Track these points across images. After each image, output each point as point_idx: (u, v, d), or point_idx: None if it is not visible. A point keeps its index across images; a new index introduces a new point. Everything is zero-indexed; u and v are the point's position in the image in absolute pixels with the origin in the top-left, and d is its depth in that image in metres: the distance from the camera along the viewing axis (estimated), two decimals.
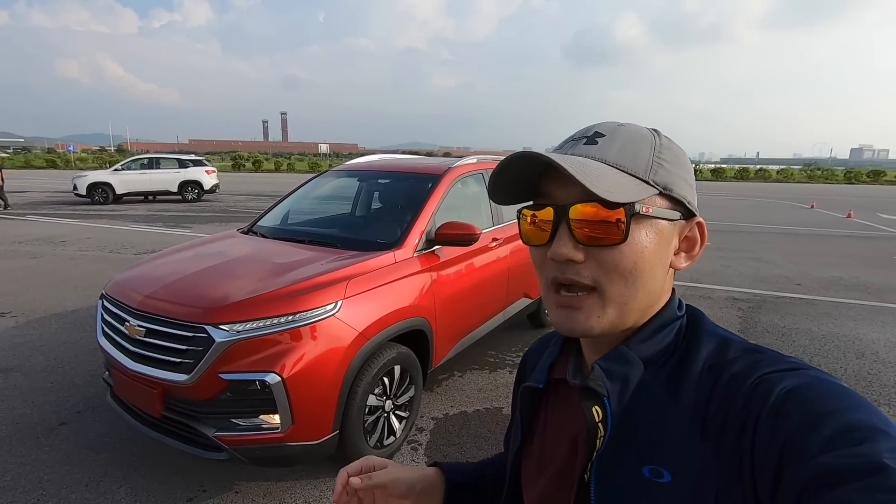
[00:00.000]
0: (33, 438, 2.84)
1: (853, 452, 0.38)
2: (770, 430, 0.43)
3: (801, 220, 14.62)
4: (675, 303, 0.58)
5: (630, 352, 0.54)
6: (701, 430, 0.48)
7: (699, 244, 0.58)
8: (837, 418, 0.41)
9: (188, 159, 17.14)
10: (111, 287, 2.60)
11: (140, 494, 2.40)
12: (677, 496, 0.48)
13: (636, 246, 0.51)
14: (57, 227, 10.62)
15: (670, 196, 0.53)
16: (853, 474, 0.37)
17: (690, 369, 0.52)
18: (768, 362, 0.49)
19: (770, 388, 0.46)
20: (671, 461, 0.49)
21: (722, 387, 0.49)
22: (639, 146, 0.53)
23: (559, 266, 0.53)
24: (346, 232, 3.52)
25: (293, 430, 2.15)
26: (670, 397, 0.51)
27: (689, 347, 0.54)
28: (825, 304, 5.79)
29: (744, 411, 0.46)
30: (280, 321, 2.17)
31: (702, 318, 0.58)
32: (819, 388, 0.44)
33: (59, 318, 4.80)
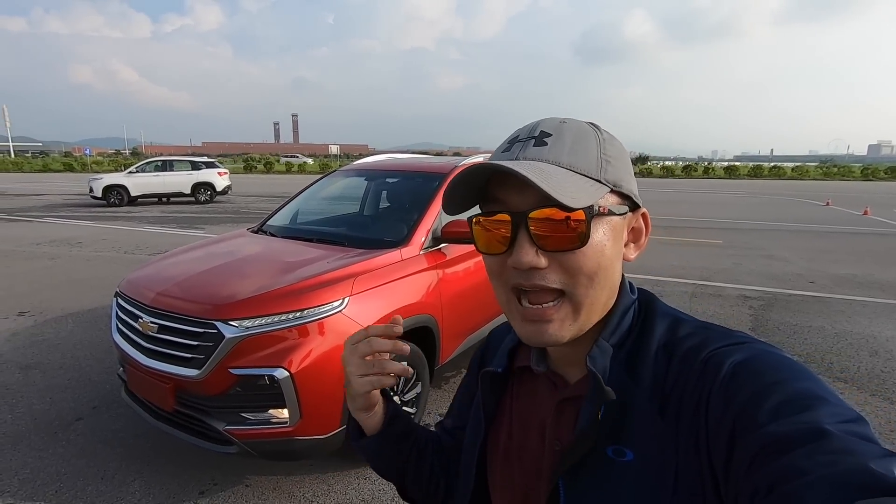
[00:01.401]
0: (51, 433, 2.92)
1: (798, 420, 0.40)
2: (722, 403, 0.45)
3: (816, 218, 14.40)
4: (626, 287, 0.59)
5: (605, 343, 0.56)
6: (660, 409, 0.50)
7: (644, 234, 0.59)
8: (783, 388, 0.43)
9: (201, 161, 17.38)
10: (125, 285, 2.66)
11: (154, 487, 2.46)
12: (640, 473, 0.50)
13: (597, 246, 0.51)
14: (73, 228, 10.84)
15: (619, 192, 0.54)
16: (798, 441, 0.38)
17: (647, 349, 0.54)
18: (717, 337, 0.51)
19: (720, 362, 0.47)
20: (633, 440, 0.51)
21: (676, 364, 0.51)
22: (586, 144, 0.53)
23: (522, 273, 0.52)
24: (353, 230, 3.56)
25: (301, 425, 2.19)
26: (630, 378, 0.53)
27: (643, 328, 0.56)
28: (838, 302, 5.71)
29: (697, 387, 0.48)
30: (288, 317, 2.21)
31: (654, 300, 0.60)
32: (765, 360, 0.46)
33: (76, 318, 4.91)
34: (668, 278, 6.67)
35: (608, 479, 0.51)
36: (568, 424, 0.57)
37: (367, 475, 2.56)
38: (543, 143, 0.53)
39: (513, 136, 0.56)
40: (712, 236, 10.43)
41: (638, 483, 0.50)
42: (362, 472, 2.58)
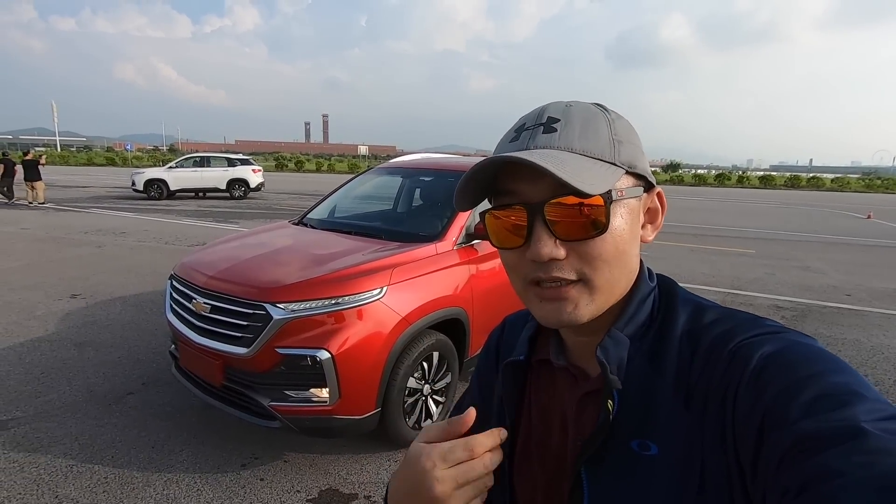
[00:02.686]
0: (105, 405, 3.14)
1: (832, 417, 0.38)
2: (751, 397, 0.43)
3: (855, 231, 13.92)
4: (645, 274, 0.57)
5: (620, 333, 0.54)
6: (685, 401, 0.48)
7: (661, 213, 0.58)
8: (817, 382, 0.40)
9: (237, 158, 17.95)
10: (179, 268, 2.86)
11: (199, 458, 2.63)
12: (664, 467, 0.48)
13: (616, 231, 0.50)
14: (117, 219, 11.38)
15: (635, 172, 0.53)
16: (832, 439, 0.36)
17: (670, 338, 0.52)
18: (746, 326, 0.49)
19: (749, 354, 0.45)
20: (657, 433, 0.49)
21: (702, 354, 0.49)
22: (596, 127, 0.51)
23: (540, 266, 0.50)
24: (390, 224, 3.71)
25: (340, 404, 2.32)
26: (653, 369, 0.51)
27: (665, 317, 0.54)
28: (876, 316, 5.57)
29: (724, 379, 0.46)
30: (330, 303, 2.35)
31: (674, 286, 0.57)
32: (798, 351, 0.44)
33: (123, 301, 5.20)
34: (698, 286, 6.60)
35: (633, 473, 0.50)
36: (590, 419, 0.56)
37: (397, 458, 2.68)
38: (553, 130, 0.51)
39: (519, 124, 0.54)
40: (744, 245, 10.22)
41: (663, 477, 0.48)
42: (393, 454, 2.70)
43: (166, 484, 2.42)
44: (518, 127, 0.54)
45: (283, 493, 2.39)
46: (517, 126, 0.54)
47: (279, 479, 2.49)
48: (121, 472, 2.49)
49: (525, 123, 0.53)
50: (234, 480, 2.47)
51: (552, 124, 0.51)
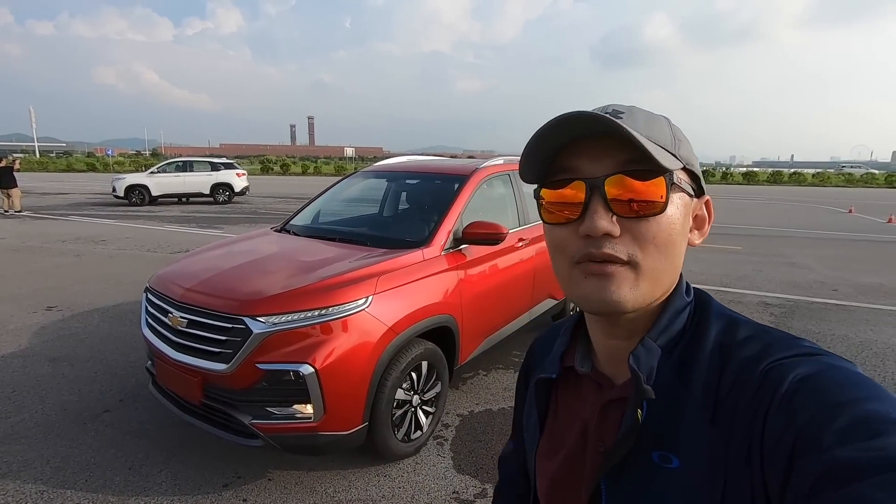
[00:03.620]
0: (80, 424, 3.00)
1: (869, 446, 0.36)
2: (782, 420, 0.42)
3: (839, 225, 14.12)
4: (682, 287, 0.57)
5: (653, 343, 0.53)
6: (712, 417, 0.48)
7: (708, 222, 0.58)
8: (853, 408, 0.39)
9: (220, 162, 17.67)
10: (155, 280, 2.74)
11: (179, 479, 2.51)
12: (685, 482, 0.48)
13: (671, 217, 0.50)
14: (97, 226, 11.11)
15: (690, 172, 0.54)
16: (868, 469, 0.35)
17: (700, 352, 0.51)
18: (781, 346, 0.48)
19: (782, 375, 0.44)
20: (680, 447, 0.49)
21: (732, 371, 0.48)
22: (659, 123, 0.53)
23: (593, 242, 0.50)
24: (375, 230, 3.61)
25: (325, 420, 2.22)
26: (680, 381, 0.51)
27: (697, 330, 0.53)
28: (863, 311, 5.60)
29: (755, 399, 0.45)
30: (314, 314, 2.25)
31: (710, 300, 0.57)
32: (834, 375, 0.42)
33: (102, 313, 5.03)
34: None
35: (652, 485, 0.49)
36: (613, 426, 0.55)
37: (387, 472, 2.59)
38: (619, 117, 0.51)
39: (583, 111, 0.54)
40: (732, 242, 10.29)
41: (683, 492, 0.47)
42: (382, 469, 2.61)
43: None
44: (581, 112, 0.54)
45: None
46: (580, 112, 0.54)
47: (263, 498, 2.38)
48: (95, 497, 2.36)
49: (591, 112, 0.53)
50: (216, 502, 2.35)
51: (618, 114, 0.52)
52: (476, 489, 2.48)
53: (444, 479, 2.56)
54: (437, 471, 2.62)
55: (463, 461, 2.71)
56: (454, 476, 2.58)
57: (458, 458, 2.74)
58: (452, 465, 2.67)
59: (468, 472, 2.61)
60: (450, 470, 2.64)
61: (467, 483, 2.53)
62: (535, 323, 4.01)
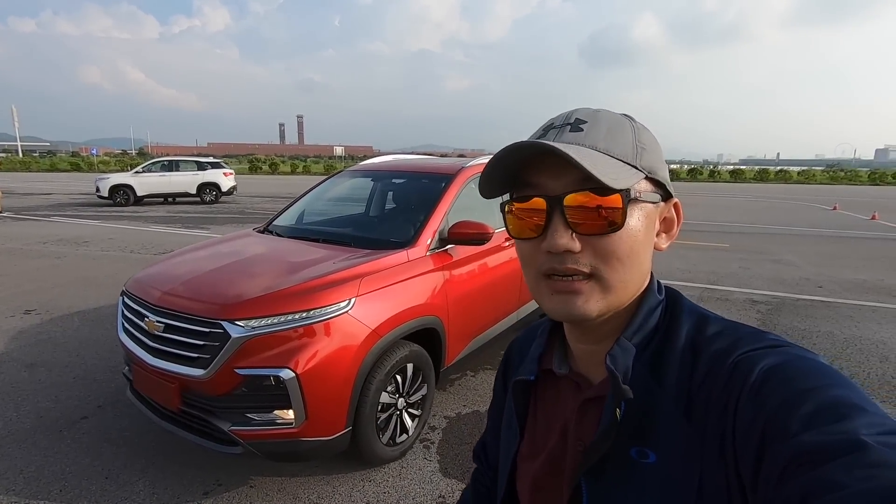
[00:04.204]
0: (56, 431, 2.91)
1: (833, 430, 0.38)
2: (751, 410, 0.43)
3: (824, 222, 14.30)
4: (654, 286, 0.58)
5: (628, 342, 0.54)
6: (685, 411, 0.49)
7: (676, 224, 0.59)
8: (817, 395, 0.41)
9: (206, 162, 17.45)
10: (131, 284, 2.66)
11: (158, 487, 2.44)
12: (662, 476, 0.49)
13: (631, 231, 0.52)
14: (80, 227, 10.90)
15: (654, 179, 0.54)
16: (833, 452, 0.36)
17: (672, 349, 0.52)
18: (748, 340, 0.49)
19: (750, 366, 0.46)
20: (657, 442, 0.50)
21: (703, 365, 0.49)
22: (622, 132, 0.54)
23: (556, 257, 0.52)
24: (359, 231, 3.56)
25: (307, 426, 2.17)
26: (654, 379, 0.52)
27: (669, 327, 0.55)
28: (848, 307, 5.66)
29: (725, 391, 0.46)
30: (294, 318, 2.20)
31: (680, 298, 0.58)
32: (799, 365, 0.44)
33: (82, 316, 4.92)
34: (675, 282, 6.62)
35: (631, 481, 0.51)
36: (591, 425, 0.57)
37: (371, 477, 2.54)
38: (580, 129, 0.53)
39: (547, 124, 0.56)
40: (718, 240, 10.37)
41: (661, 486, 0.49)
42: (367, 474, 2.57)
43: None
44: (546, 126, 0.56)
45: None
46: (545, 126, 0.56)
47: None
48: None
49: (553, 123, 0.55)
50: None
51: (580, 125, 0.53)
52: None
53: (430, 482, 2.52)
54: (423, 475, 2.58)
55: (449, 464, 2.68)
56: (440, 480, 2.55)
57: (445, 462, 2.70)
58: (439, 469, 2.64)
59: (455, 476, 2.58)
60: (436, 473, 2.60)
61: (454, 487, 2.49)
62: (523, 323, 3.98)
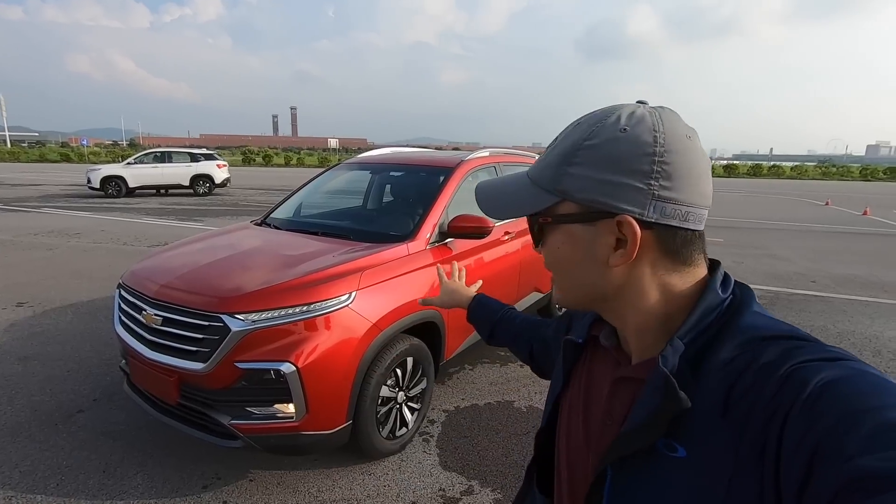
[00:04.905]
0: (52, 425, 2.88)
1: (894, 456, 0.35)
2: (803, 424, 0.41)
3: (816, 218, 14.42)
4: (717, 284, 0.56)
5: (679, 341, 0.53)
6: (723, 412, 0.47)
7: (629, 242, 0.54)
8: (878, 415, 0.38)
9: (200, 153, 17.26)
10: (128, 277, 2.63)
11: (156, 481, 2.43)
12: (689, 472, 0.48)
13: (551, 248, 0.59)
14: (71, 219, 10.76)
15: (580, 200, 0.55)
16: (893, 481, 0.34)
17: (719, 350, 0.51)
18: (806, 350, 0.47)
19: (806, 378, 0.43)
20: (687, 437, 0.49)
21: (753, 371, 0.47)
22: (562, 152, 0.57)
23: None
24: (359, 224, 3.53)
25: (307, 420, 2.16)
26: (693, 375, 0.51)
27: (723, 327, 0.53)
28: (841, 302, 5.72)
29: (775, 399, 0.44)
30: (295, 311, 2.18)
31: (747, 301, 0.55)
32: (860, 381, 0.42)
33: (75, 309, 4.87)
34: None
35: (655, 472, 0.51)
36: (621, 403, 0.58)
37: (371, 471, 2.54)
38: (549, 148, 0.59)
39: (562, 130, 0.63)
40: (713, 234, 10.43)
41: (686, 480, 0.48)
42: (367, 467, 2.56)
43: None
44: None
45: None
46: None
47: (243, 499, 2.32)
48: (67, 502, 2.27)
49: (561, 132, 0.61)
50: None
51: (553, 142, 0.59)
52: (462, 486, 2.45)
53: (429, 476, 2.52)
54: (423, 468, 2.59)
55: (449, 458, 2.68)
56: (440, 473, 2.55)
57: (444, 455, 2.70)
58: (438, 462, 2.64)
59: (454, 469, 2.58)
60: (436, 467, 2.60)
61: (453, 480, 2.50)
62: None
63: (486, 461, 2.66)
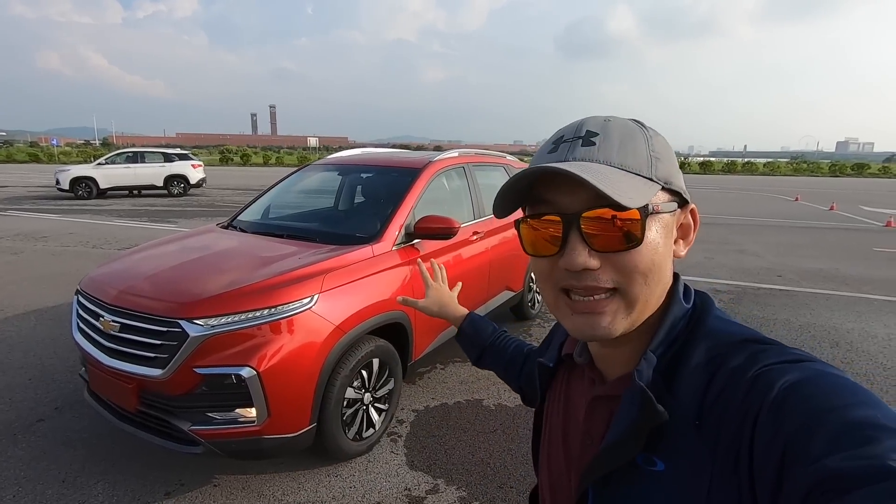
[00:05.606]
0: (10, 436, 2.82)
1: (859, 454, 0.36)
2: (771, 427, 0.42)
3: (786, 213, 14.82)
4: (679, 293, 0.57)
5: (652, 354, 0.53)
6: (697, 423, 0.48)
7: (693, 229, 0.59)
8: (841, 415, 0.39)
9: (174, 153, 16.91)
10: (86, 282, 2.58)
11: (118, 489, 2.40)
12: (668, 485, 0.48)
13: (651, 244, 0.50)
14: (38, 222, 10.46)
15: (670, 189, 0.53)
16: (860, 479, 0.35)
17: (689, 361, 0.51)
18: (770, 354, 0.47)
19: (771, 381, 0.44)
20: (665, 451, 0.49)
21: (722, 378, 0.48)
22: (635, 143, 0.52)
23: (574, 275, 0.51)
24: (325, 226, 3.52)
25: (269, 424, 2.16)
26: (667, 387, 0.51)
27: (690, 336, 0.53)
28: (804, 295, 5.90)
29: (744, 404, 0.45)
30: (255, 315, 2.17)
31: (707, 308, 0.56)
32: (822, 382, 0.42)
33: (39, 315, 4.75)
34: None
35: (636, 488, 0.50)
36: (599, 422, 0.57)
37: (338, 472, 2.55)
38: (591, 143, 0.52)
39: (558, 136, 0.55)
40: None
41: (666, 494, 0.48)
42: (333, 469, 2.57)
43: None
44: (556, 139, 0.55)
45: None
46: (555, 138, 0.55)
47: None
48: None
49: (563, 136, 0.54)
50: None
51: (591, 137, 0.52)
52: (428, 485, 2.48)
53: (395, 476, 2.54)
54: (390, 468, 2.60)
55: (416, 457, 2.70)
56: (406, 473, 2.57)
57: (412, 455, 2.72)
58: (405, 462, 2.66)
59: (420, 469, 2.60)
60: (402, 467, 2.62)
61: (419, 479, 2.52)
62: (493, 315, 4.03)
63: (452, 460, 2.69)
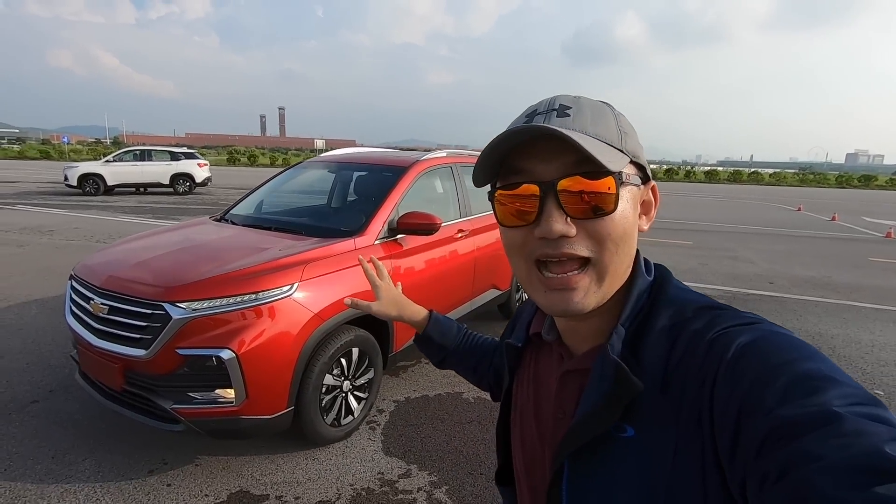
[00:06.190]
0: (5, 415, 2.94)
1: (807, 403, 0.39)
2: (728, 384, 0.44)
3: (786, 222, 14.82)
4: (641, 266, 0.59)
5: (622, 328, 0.55)
6: (662, 386, 0.50)
7: (654, 206, 0.61)
8: (791, 369, 0.42)
9: (180, 152, 17.17)
10: (79, 268, 2.71)
11: (104, 466, 2.51)
12: (639, 449, 0.50)
13: (623, 212, 0.52)
14: (46, 216, 10.67)
15: (636, 163, 0.56)
16: (809, 425, 0.37)
17: (653, 329, 0.53)
18: (725, 317, 0.50)
19: (727, 342, 0.47)
20: (633, 417, 0.51)
21: (682, 343, 0.51)
22: (605, 117, 0.54)
23: (550, 243, 0.52)
24: (312, 220, 3.64)
25: (247, 405, 2.26)
26: (633, 356, 0.53)
27: (652, 308, 0.56)
28: (793, 302, 5.95)
29: (703, 366, 0.47)
30: (236, 300, 2.28)
31: (667, 280, 0.59)
32: (773, 340, 0.45)
33: (40, 304, 4.89)
34: None
35: (609, 454, 0.52)
36: (571, 396, 0.59)
37: (315, 456, 2.64)
38: (566, 115, 0.53)
39: (531, 110, 0.56)
40: (683, 237, 10.68)
41: (637, 458, 0.50)
42: (312, 453, 2.67)
43: (62, 495, 2.30)
44: (530, 112, 0.55)
45: (190, 498, 2.31)
46: (529, 111, 0.56)
47: (187, 483, 2.41)
48: (12, 486, 2.34)
49: (537, 109, 0.55)
50: (139, 487, 2.37)
51: (565, 110, 0.53)
52: (401, 469, 2.57)
53: (371, 461, 2.64)
54: (366, 454, 2.70)
55: (392, 444, 2.79)
56: (381, 458, 2.66)
57: (388, 442, 2.82)
58: (381, 448, 2.75)
59: (395, 455, 2.70)
60: (378, 452, 2.71)
61: (393, 464, 2.61)
62: (479, 312, 4.12)
63: (427, 447, 2.78)
